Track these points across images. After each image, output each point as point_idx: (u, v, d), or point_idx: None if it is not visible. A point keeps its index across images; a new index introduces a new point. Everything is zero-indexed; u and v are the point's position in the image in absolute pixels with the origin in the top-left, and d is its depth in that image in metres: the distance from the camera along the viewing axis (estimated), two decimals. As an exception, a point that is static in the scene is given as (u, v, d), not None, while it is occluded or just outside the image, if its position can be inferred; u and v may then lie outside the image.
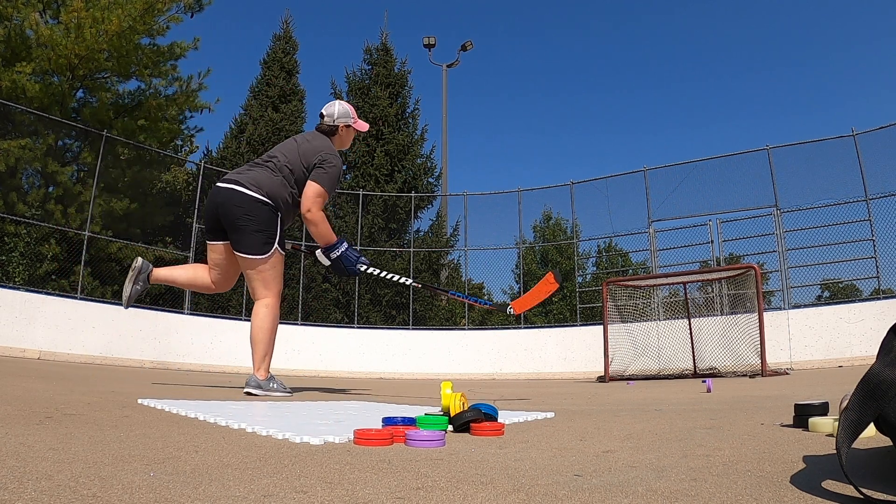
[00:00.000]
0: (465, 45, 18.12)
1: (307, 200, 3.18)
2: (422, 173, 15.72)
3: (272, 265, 3.20)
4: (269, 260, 3.18)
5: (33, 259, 10.74)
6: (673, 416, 1.97)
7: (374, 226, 14.15)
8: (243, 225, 3.13)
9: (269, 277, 3.21)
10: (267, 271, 3.20)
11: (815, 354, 8.73)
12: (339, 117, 3.45)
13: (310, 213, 3.18)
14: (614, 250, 14.41)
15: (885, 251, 9.20)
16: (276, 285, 3.24)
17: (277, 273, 3.24)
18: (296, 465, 0.97)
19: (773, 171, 10.22)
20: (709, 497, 0.76)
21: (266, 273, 3.20)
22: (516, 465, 1.01)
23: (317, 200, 3.19)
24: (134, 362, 8.89)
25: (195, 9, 12.80)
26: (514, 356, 11.01)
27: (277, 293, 3.26)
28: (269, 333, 3.20)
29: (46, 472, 0.84)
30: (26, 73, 10.76)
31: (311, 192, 3.19)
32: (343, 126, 3.47)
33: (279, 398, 2.93)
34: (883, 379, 0.75)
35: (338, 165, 3.28)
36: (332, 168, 3.25)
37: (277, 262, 3.23)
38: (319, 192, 3.20)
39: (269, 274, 3.21)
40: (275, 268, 3.22)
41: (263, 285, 3.21)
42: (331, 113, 3.45)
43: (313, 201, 3.18)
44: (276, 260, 3.22)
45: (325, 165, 3.23)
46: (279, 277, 3.26)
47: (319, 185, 3.20)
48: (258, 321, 3.19)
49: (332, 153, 3.29)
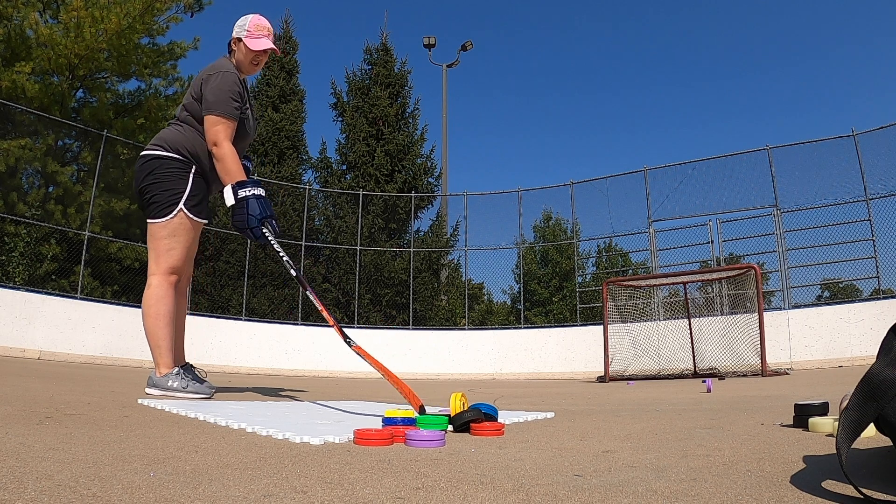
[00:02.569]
0: (465, 45, 18.12)
1: (208, 134, 2.62)
2: (422, 173, 15.71)
3: (173, 231, 2.62)
4: (168, 223, 2.61)
5: (33, 259, 10.74)
6: (673, 416, 1.96)
7: (374, 226, 14.14)
8: (146, 186, 2.64)
9: (164, 247, 2.62)
10: (163, 238, 2.62)
11: (815, 354, 8.73)
12: (235, 29, 2.83)
13: (215, 148, 2.60)
14: (614, 250, 14.41)
15: (885, 251, 9.20)
16: (171, 258, 2.64)
17: (180, 243, 2.64)
18: (296, 465, 0.97)
19: (773, 171, 10.22)
20: (709, 497, 0.76)
21: (161, 241, 2.62)
22: (516, 465, 1.01)
23: (216, 129, 2.61)
24: (134, 362, 8.88)
25: (195, 9, 12.81)
26: (514, 356, 11.01)
27: (171, 268, 2.65)
28: (159, 320, 2.62)
29: (46, 472, 0.84)
30: (26, 72, 10.76)
31: (207, 123, 2.63)
32: (235, 40, 2.81)
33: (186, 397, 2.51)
34: (883, 379, 0.75)
35: (224, 77, 2.67)
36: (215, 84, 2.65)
37: (181, 229, 2.64)
38: (213, 119, 2.62)
39: (164, 243, 2.62)
40: (175, 236, 2.63)
41: (155, 256, 2.64)
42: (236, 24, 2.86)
43: (213, 133, 2.61)
44: (178, 225, 2.63)
45: (208, 87, 2.65)
46: (181, 249, 2.65)
47: (211, 113, 2.62)
48: (146, 309, 2.63)
49: (214, 70, 2.71)
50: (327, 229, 14.61)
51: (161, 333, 2.62)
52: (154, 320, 2.62)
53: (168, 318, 2.64)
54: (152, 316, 2.62)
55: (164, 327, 2.63)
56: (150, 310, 2.63)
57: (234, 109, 2.67)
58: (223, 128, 2.63)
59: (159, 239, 2.63)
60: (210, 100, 2.64)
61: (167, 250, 2.64)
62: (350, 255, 13.60)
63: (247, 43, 2.79)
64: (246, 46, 2.80)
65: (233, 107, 2.66)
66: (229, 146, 2.62)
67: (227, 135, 2.64)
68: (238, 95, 2.71)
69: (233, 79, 2.71)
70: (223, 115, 2.63)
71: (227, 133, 2.64)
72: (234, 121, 2.68)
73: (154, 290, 2.63)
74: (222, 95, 2.64)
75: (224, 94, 2.65)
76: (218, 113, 2.63)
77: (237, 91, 2.70)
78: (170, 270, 2.66)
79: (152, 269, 2.66)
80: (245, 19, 2.83)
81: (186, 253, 2.70)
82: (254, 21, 2.82)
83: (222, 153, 2.60)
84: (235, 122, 2.69)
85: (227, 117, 2.64)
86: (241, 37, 2.80)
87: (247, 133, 2.86)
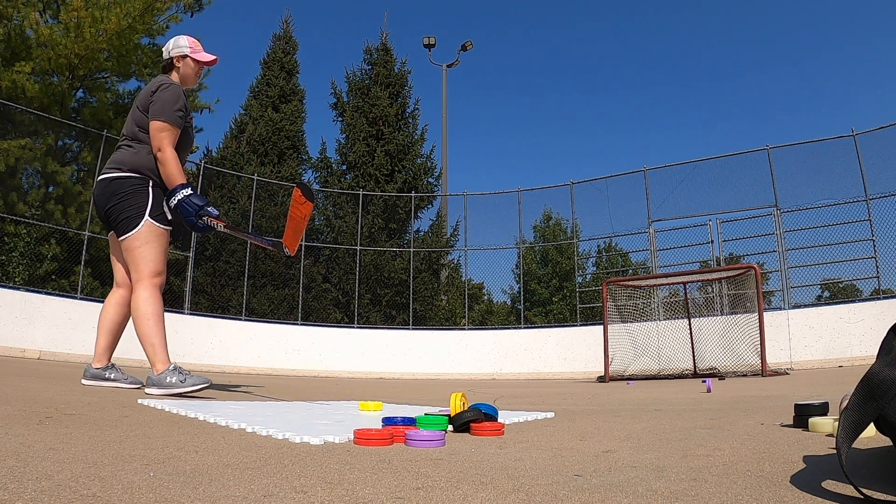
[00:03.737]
0: (465, 45, 18.13)
1: (153, 140, 2.83)
2: (422, 173, 15.72)
3: (144, 240, 2.81)
4: (139, 234, 2.80)
5: (33, 259, 10.74)
6: (673, 416, 1.97)
7: (374, 226, 14.14)
8: (112, 207, 2.84)
9: (139, 256, 2.82)
10: (137, 248, 2.82)
11: (815, 354, 8.73)
12: (174, 49, 3.07)
13: (159, 153, 2.81)
14: (614, 250, 14.41)
15: (885, 251, 9.20)
16: (149, 265, 2.83)
17: (153, 249, 2.84)
18: (296, 465, 0.97)
19: (773, 171, 10.22)
20: (709, 497, 0.76)
21: (136, 251, 2.82)
22: (516, 465, 1.01)
23: (161, 136, 2.82)
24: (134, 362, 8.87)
25: (195, 8, 12.81)
26: (514, 356, 11.01)
27: (152, 273, 2.84)
28: (149, 320, 2.78)
29: (46, 472, 0.84)
30: (26, 72, 10.76)
31: (153, 129, 2.83)
32: (178, 58, 3.07)
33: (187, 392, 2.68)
34: (883, 379, 0.75)
35: (170, 89, 2.90)
36: (162, 95, 2.87)
37: (151, 237, 2.83)
38: (159, 126, 2.82)
39: (139, 252, 2.81)
40: (148, 244, 2.83)
41: (135, 266, 2.83)
42: (166, 46, 3.10)
43: (158, 139, 2.81)
44: (147, 234, 2.82)
45: (156, 96, 2.87)
46: (156, 255, 2.85)
47: (157, 119, 2.83)
48: (134, 313, 2.80)
49: (160, 83, 2.93)
50: (327, 229, 14.62)
51: (153, 332, 2.77)
52: (145, 321, 2.78)
53: (157, 318, 2.80)
54: (142, 317, 2.78)
55: (153, 326, 2.78)
56: (138, 312, 2.80)
57: (178, 118, 2.88)
58: (167, 134, 2.84)
59: (134, 250, 2.83)
60: (157, 108, 2.85)
61: (145, 257, 2.83)
62: (350, 255, 13.60)
63: (194, 57, 3.09)
64: (193, 60, 3.10)
65: (177, 115, 2.88)
66: (171, 151, 2.84)
67: (171, 141, 2.85)
68: (183, 106, 2.94)
69: (179, 91, 2.95)
70: (168, 122, 2.85)
71: (171, 139, 2.85)
72: (177, 128, 2.89)
73: (140, 294, 2.81)
74: (168, 105, 2.86)
75: (170, 103, 2.87)
76: (163, 119, 2.84)
77: (183, 102, 2.93)
78: (153, 274, 2.85)
79: (136, 278, 2.84)
80: (180, 38, 3.12)
81: (162, 257, 2.89)
82: (189, 39, 3.12)
83: (165, 157, 2.82)
84: (179, 129, 2.90)
85: (171, 124, 2.85)
86: (186, 53, 3.08)
87: (189, 142, 3.08)
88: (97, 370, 3.03)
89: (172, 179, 2.81)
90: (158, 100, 2.86)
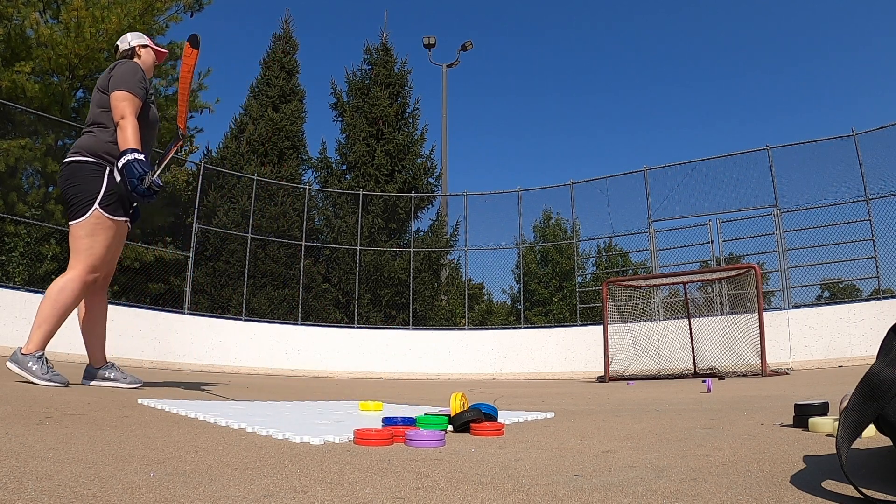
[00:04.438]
0: (465, 45, 18.13)
1: (115, 111, 2.79)
2: (422, 173, 15.72)
3: (90, 231, 2.74)
4: (85, 223, 2.74)
5: (33, 259, 10.74)
6: (673, 416, 1.97)
7: (374, 226, 14.14)
8: (65, 190, 2.80)
9: (81, 246, 2.74)
10: (81, 238, 2.74)
11: (815, 354, 8.73)
12: (134, 40, 3.14)
13: (122, 120, 2.76)
14: (614, 250, 14.41)
15: (885, 251, 9.20)
16: (89, 258, 2.74)
17: (97, 242, 2.76)
18: (296, 465, 0.97)
19: (773, 171, 10.22)
20: (709, 497, 0.76)
21: (80, 241, 2.74)
22: (516, 465, 1.01)
23: (122, 104, 2.78)
24: (134, 362, 8.87)
25: (195, 8, 12.81)
26: (514, 356, 11.01)
27: (88, 268, 2.75)
28: (56, 307, 2.70)
29: (46, 472, 0.84)
30: (26, 72, 10.76)
31: (114, 100, 2.80)
32: (139, 47, 3.13)
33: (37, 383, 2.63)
34: (883, 379, 0.75)
35: (129, 64, 2.93)
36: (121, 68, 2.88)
37: (98, 229, 2.75)
38: (120, 95, 2.79)
39: (82, 242, 2.74)
40: (93, 236, 2.74)
41: (74, 254, 2.75)
42: (124, 39, 3.15)
43: (120, 108, 2.77)
44: (94, 224, 2.74)
45: (115, 72, 2.87)
46: (98, 250, 2.76)
47: (118, 89, 2.80)
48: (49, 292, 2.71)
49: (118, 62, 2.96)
50: (327, 229, 14.61)
51: (50, 318, 2.71)
52: (52, 304, 2.70)
53: (65, 311, 2.73)
54: (52, 299, 2.70)
55: (56, 315, 2.71)
56: (53, 293, 2.71)
57: (139, 88, 2.87)
58: (128, 103, 2.80)
59: (78, 238, 2.75)
60: (116, 80, 2.84)
61: (86, 249, 2.75)
62: (350, 255, 13.60)
63: (154, 48, 3.19)
64: (155, 50, 3.20)
65: (139, 86, 2.87)
66: (133, 120, 2.78)
67: (133, 109, 2.81)
68: (144, 79, 2.94)
69: (139, 68, 2.96)
70: (129, 90, 2.82)
71: (132, 108, 2.81)
72: (138, 98, 2.85)
73: (67, 282, 2.72)
74: (128, 76, 2.86)
75: (130, 74, 2.87)
76: (123, 88, 2.81)
77: (143, 77, 2.95)
78: (89, 269, 2.76)
79: (72, 265, 2.76)
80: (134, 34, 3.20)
81: (107, 252, 2.81)
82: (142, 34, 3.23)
83: (124, 124, 2.76)
84: (140, 100, 2.87)
85: (132, 93, 2.82)
86: (146, 43, 3.17)
87: (151, 123, 3.03)
88: (96, 370, 3.03)
89: (126, 144, 2.72)
90: (117, 73, 2.86)
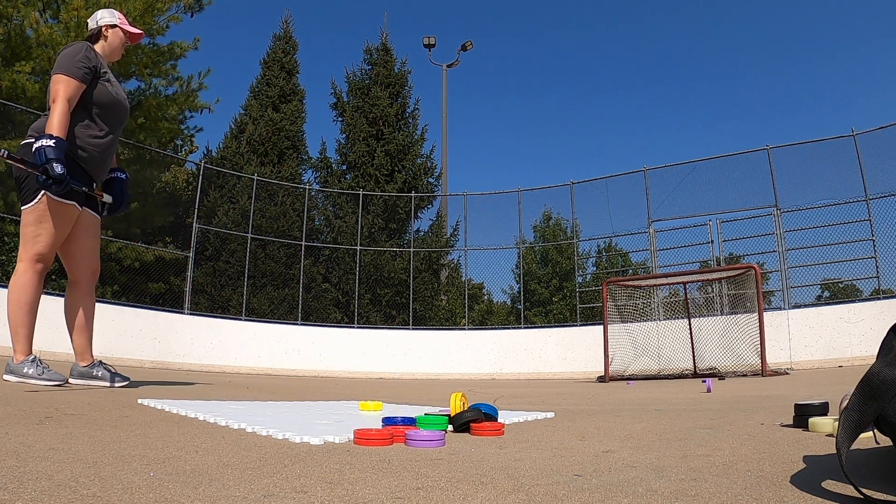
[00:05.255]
0: (465, 45, 18.13)
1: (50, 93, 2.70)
2: (422, 173, 15.72)
3: (39, 217, 2.66)
4: (34, 208, 2.66)
5: (33, 259, 10.72)
6: (673, 416, 1.97)
7: (374, 226, 14.14)
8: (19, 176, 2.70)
9: (29, 234, 2.67)
10: (29, 225, 2.67)
11: (815, 354, 8.73)
12: (101, 19, 3.02)
13: (53, 104, 2.67)
14: (614, 250, 14.41)
15: (885, 251, 9.20)
16: (37, 245, 2.68)
17: (46, 229, 2.68)
18: (296, 465, 0.97)
19: (773, 171, 10.22)
20: (709, 497, 0.76)
21: (28, 228, 2.68)
22: (516, 465, 1.01)
23: (57, 88, 2.68)
24: (134, 362, 8.87)
25: (195, 9, 12.80)
26: (514, 356, 11.01)
27: (36, 256, 2.69)
28: (20, 308, 2.68)
29: (46, 472, 0.84)
30: (26, 72, 10.75)
31: (52, 83, 2.72)
32: (107, 27, 3.02)
33: (40, 387, 2.58)
34: (883, 379, 0.75)
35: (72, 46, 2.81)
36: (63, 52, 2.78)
37: (46, 215, 2.67)
38: (55, 79, 2.70)
39: (30, 230, 2.67)
40: (42, 223, 2.67)
41: (22, 242, 2.70)
42: (93, 17, 3.04)
43: (54, 90, 2.68)
44: (43, 211, 2.66)
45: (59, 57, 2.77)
46: (47, 237, 2.69)
47: (54, 73, 2.71)
48: (9, 294, 2.70)
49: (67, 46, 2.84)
50: (327, 229, 14.62)
51: (21, 321, 2.70)
52: (15, 307, 2.69)
53: (30, 307, 2.71)
54: (13, 303, 2.69)
55: (24, 315, 2.70)
56: (12, 296, 2.69)
57: (77, 69, 2.73)
58: (63, 86, 2.68)
59: (26, 225, 2.70)
60: (56, 63, 2.74)
61: (33, 237, 2.69)
62: (350, 255, 13.60)
63: (123, 27, 3.04)
64: (123, 30, 3.04)
65: (77, 68, 2.73)
66: (63, 104, 2.65)
67: (67, 93, 2.68)
68: (86, 60, 2.79)
69: (83, 47, 2.82)
70: (65, 73, 2.70)
71: (67, 91, 2.69)
72: (76, 80, 2.72)
73: (19, 278, 2.69)
74: (66, 59, 2.74)
75: (68, 56, 2.75)
76: (59, 72, 2.70)
77: (85, 56, 2.79)
78: (36, 258, 2.71)
79: (20, 256, 2.71)
80: (106, 11, 3.05)
81: (54, 240, 2.74)
82: (117, 12, 3.08)
83: (55, 108, 2.64)
84: (78, 81, 2.73)
85: (68, 75, 2.70)
86: (115, 23, 3.03)
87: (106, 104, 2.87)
88: (84, 368, 3.02)
89: (47, 129, 2.59)
90: (58, 57, 2.78)
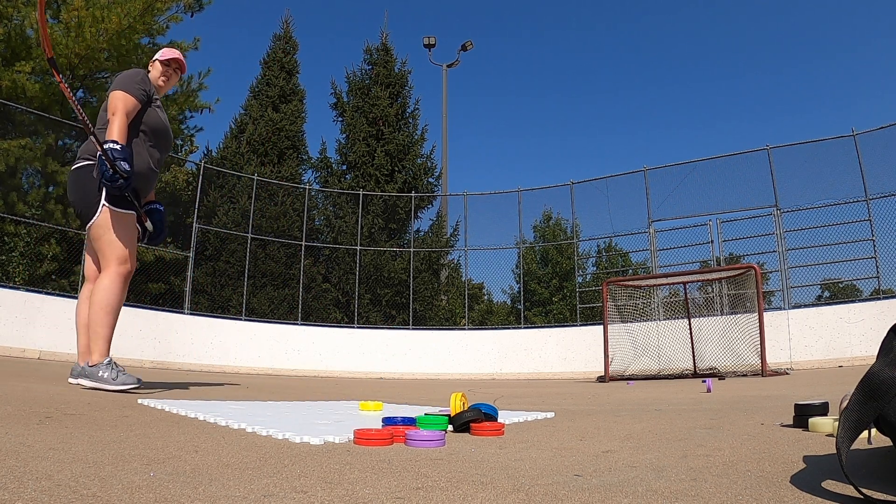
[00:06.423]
0: (465, 45, 18.13)
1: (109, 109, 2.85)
2: (422, 173, 15.72)
3: (107, 226, 2.81)
4: (100, 221, 2.81)
5: (33, 259, 10.73)
6: (673, 416, 1.97)
7: (374, 226, 14.14)
8: (76, 198, 2.88)
9: (105, 243, 2.81)
10: (102, 236, 2.81)
11: (815, 354, 8.73)
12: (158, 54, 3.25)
13: (112, 116, 2.81)
14: (614, 250, 14.41)
15: (885, 251, 9.20)
16: (115, 251, 2.82)
17: (117, 235, 2.82)
18: (296, 465, 0.97)
19: (773, 171, 10.22)
20: (709, 497, 0.76)
21: (101, 239, 2.82)
22: (516, 465, 1.01)
23: (115, 103, 2.83)
24: (134, 362, 8.88)
25: (195, 9, 12.81)
26: (514, 356, 11.01)
27: (118, 259, 2.83)
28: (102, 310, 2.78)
29: (46, 471, 0.84)
30: (26, 72, 10.75)
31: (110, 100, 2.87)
32: (152, 62, 3.25)
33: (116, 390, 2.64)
34: (883, 379, 0.75)
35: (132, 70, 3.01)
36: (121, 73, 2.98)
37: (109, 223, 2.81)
38: (115, 95, 2.85)
39: (104, 239, 2.81)
40: (111, 230, 2.81)
41: (101, 254, 2.84)
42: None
43: (113, 106, 2.83)
44: (106, 220, 2.81)
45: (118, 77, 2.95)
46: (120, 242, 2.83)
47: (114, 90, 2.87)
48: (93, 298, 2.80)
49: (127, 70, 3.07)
50: (327, 229, 14.61)
51: (105, 322, 2.78)
52: (100, 310, 2.77)
53: (114, 310, 2.81)
54: (99, 306, 2.78)
55: (107, 317, 2.79)
56: (96, 299, 2.78)
57: (136, 88, 2.90)
58: (122, 102, 2.84)
59: (99, 238, 2.82)
60: (115, 81, 2.91)
61: (108, 244, 2.82)
62: (350, 255, 13.60)
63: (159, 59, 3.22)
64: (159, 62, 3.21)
65: (136, 87, 2.90)
66: (122, 117, 2.80)
67: (126, 107, 2.84)
68: (143, 83, 2.97)
69: (141, 73, 3.02)
70: (124, 90, 2.86)
71: (126, 106, 2.84)
72: (134, 97, 2.88)
73: (104, 282, 2.81)
74: (126, 79, 2.92)
75: (129, 77, 2.93)
76: (119, 88, 2.86)
77: (143, 80, 2.98)
78: (119, 261, 2.84)
79: (103, 266, 2.85)
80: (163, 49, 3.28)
81: (126, 241, 2.87)
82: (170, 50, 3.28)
83: (113, 119, 2.78)
84: (136, 99, 2.89)
85: (127, 92, 2.86)
86: (156, 58, 3.23)
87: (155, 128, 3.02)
88: (87, 368, 3.01)
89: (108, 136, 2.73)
90: (118, 77, 2.95)
